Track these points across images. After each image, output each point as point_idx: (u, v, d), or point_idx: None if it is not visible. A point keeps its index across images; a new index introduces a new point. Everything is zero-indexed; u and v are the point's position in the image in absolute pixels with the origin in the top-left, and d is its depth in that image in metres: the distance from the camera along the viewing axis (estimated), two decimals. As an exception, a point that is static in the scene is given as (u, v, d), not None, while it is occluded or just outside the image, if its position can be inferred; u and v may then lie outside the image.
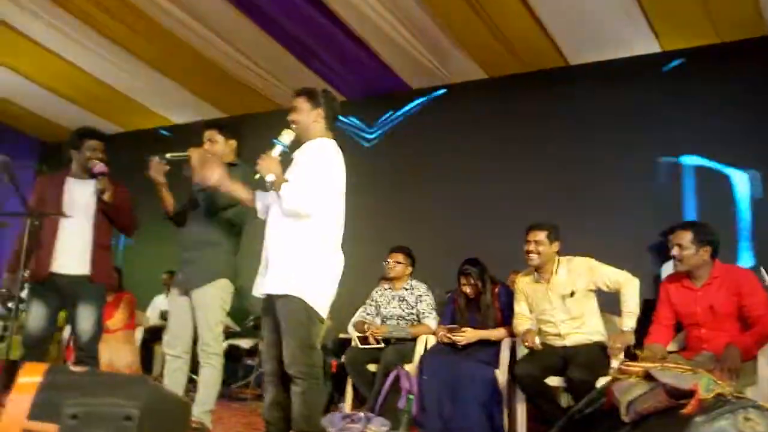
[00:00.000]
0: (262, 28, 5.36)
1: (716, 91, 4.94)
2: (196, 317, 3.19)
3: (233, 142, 3.36)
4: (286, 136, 2.67)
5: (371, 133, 6.42)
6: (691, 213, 4.85)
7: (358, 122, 6.47)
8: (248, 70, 6.09)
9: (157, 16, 5.29)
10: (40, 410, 1.83)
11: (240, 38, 5.56)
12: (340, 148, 2.75)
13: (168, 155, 3.19)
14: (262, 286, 2.67)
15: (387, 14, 4.97)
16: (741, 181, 4.75)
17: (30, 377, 1.90)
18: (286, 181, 2.59)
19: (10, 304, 4.19)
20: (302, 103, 2.75)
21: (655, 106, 5.13)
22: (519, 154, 5.60)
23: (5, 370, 3.30)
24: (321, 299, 2.59)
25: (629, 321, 3.35)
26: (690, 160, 4.96)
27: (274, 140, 2.65)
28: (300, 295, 2.53)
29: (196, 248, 3.20)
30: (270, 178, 2.57)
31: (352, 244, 2.82)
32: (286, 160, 2.70)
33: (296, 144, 2.73)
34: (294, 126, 2.72)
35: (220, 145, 3.30)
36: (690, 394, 2.14)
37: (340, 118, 2.91)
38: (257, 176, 2.60)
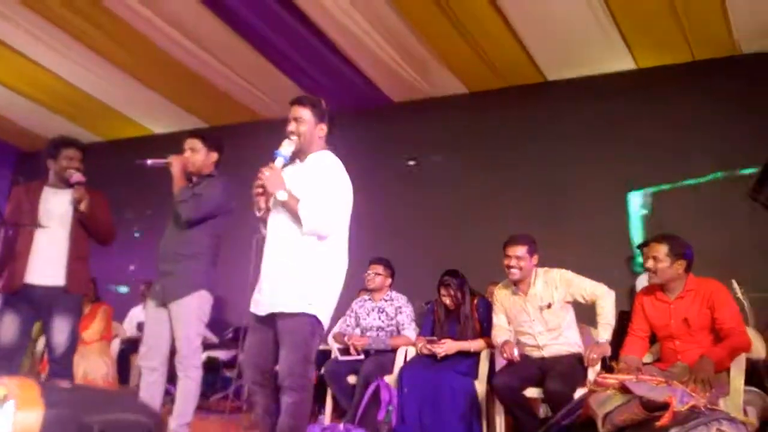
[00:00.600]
0: (245, 39, 5.37)
1: (688, 109, 5.06)
2: (174, 329, 3.13)
3: (215, 155, 3.31)
4: (288, 148, 2.58)
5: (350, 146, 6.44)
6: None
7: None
8: (230, 80, 6.09)
9: (138, 26, 5.27)
10: (54, 428, 1.77)
11: (222, 49, 5.56)
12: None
13: (149, 161, 3.19)
14: (263, 304, 2.57)
15: (369, 28, 5.02)
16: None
17: (29, 393, 1.83)
18: (298, 199, 2.52)
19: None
20: (308, 115, 2.64)
21: (630, 122, 5.24)
22: (498, 168, 5.67)
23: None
24: (327, 313, 2.58)
25: (605, 332, 3.39)
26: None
27: (276, 152, 2.56)
28: (315, 313, 2.49)
29: (175, 260, 3.15)
30: (282, 196, 2.50)
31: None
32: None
33: (294, 155, 2.64)
34: (294, 137, 2.60)
35: (200, 155, 3.25)
36: (665, 406, 2.18)
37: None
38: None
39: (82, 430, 1.69)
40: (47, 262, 3.32)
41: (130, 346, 5.62)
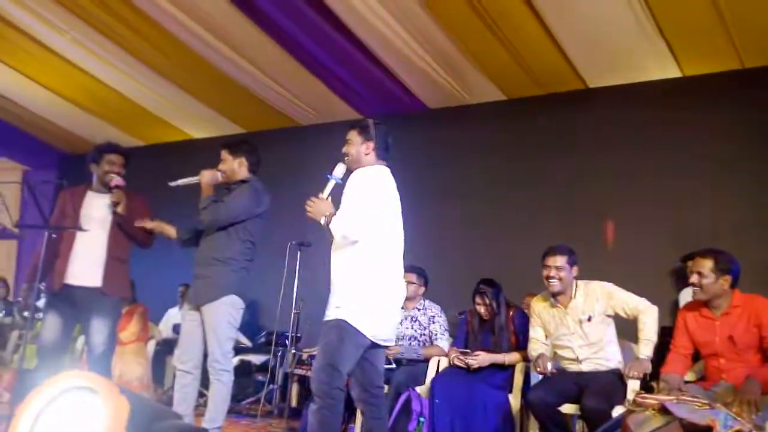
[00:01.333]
0: (282, 47, 5.42)
1: (736, 119, 4.89)
2: (205, 332, 3.19)
3: (243, 160, 3.39)
4: (339, 170, 2.78)
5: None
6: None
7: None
8: (267, 87, 6.15)
9: (179, 34, 5.37)
10: (139, 420, 1.87)
11: (260, 56, 5.62)
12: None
13: (180, 181, 3.37)
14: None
15: (406, 36, 5.00)
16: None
17: (113, 389, 1.93)
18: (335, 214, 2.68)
19: (25, 314, 4.25)
20: (354, 136, 2.85)
21: (675, 131, 5.09)
22: (537, 177, 5.56)
23: (20, 379, 3.34)
24: (362, 318, 2.62)
25: (646, 349, 3.29)
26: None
27: (328, 176, 2.76)
28: (343, 317, 2.60)
29: (208, 264, 3.23)
30: (323, 222, 2.68)
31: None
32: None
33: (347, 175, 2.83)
34: (346, 158, 2.83)
35: (228, 163, 3.38)
36: (707, 430, 2.10)
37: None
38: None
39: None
40: (86, 264, 3.41)
41: (166, 348, 5.71)
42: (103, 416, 1.85)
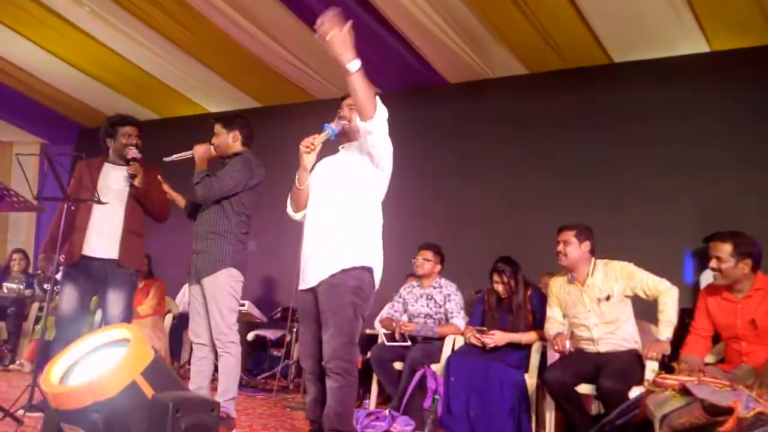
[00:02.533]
0: (301, 19, 5.34)
1: (765, 95, 4.74)
2: (207, 306, 3.21)
3: (236, 134, 3.39)
4: (337, 124, 2.64)
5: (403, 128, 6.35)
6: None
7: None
8: (285, 60, 6.08)
9: (198, 6, 5.31)
10: (150, 374, 1.88)
11: (277, 28, 5.55)
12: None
13: (174, 157, 3.37)
14: (308, 277, 2.60)
15: (427, 8, 4.90)
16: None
17: (145, 343, 1.99)
18: (373, 88, 2.53)
19: (45, 286, 4.29)
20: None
21: (701, 107, 4.95)
22: (558, 153, 5.47)
23: (42, 349, 3.39)
24: (377, 265, 2.59)
25: (666, 330, 3.24)
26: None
27: (325, 125, 2.62)
28: (361, 264, 2.51)
29: (205, 238, 3.24)
30: (356, 65, 2.47)
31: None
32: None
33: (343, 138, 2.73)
34: (345, 122, 2.69)
35: (222, 137, 3.38)
36: (728, 411, 2.06)
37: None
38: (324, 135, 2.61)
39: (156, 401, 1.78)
40: (103, 235, 3.43)
41: (183, 322, 5.75)
42: (124, 356, 1.87)
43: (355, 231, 2.56)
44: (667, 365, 3.15)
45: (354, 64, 2.42)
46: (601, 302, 3.39)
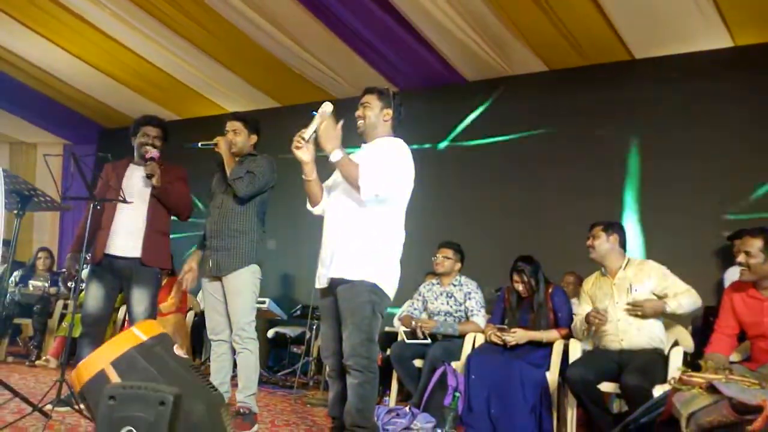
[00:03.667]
0: (320, 20, 5.36)
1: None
2: (228, 302, 3.25)
3: (254, 137, 3.49)
4: (327, 108, 2.57)
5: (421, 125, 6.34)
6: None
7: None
8: (303, 60, 6.11)
9: (218, 7, 5.36)
10: (122, 365, 2.00)
11: (295, 28, 5.58)
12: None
13: (200, 144, 3.40)
14: (324, 277, 2.62)
15: (446, 6, 4.89)
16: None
17: (142, 332, 2.09)
18: (357, 164, 2.53)
19: (70, 284, 4.35)
20: (373, 100, 2.74)
21: (725, 103, 4.88)
22: (578, 150, 5.42)
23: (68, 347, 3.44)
24: (390, 282, 2.60)
25: (672, 303, 3.31)
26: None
27: (314, 112, 2.60)
28: (370, 280, 2.52)
29: (228, 235, 3.28)
30: (337, 155, 2.50)
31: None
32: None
33: (358, 141, 2.75)
34: (360, 122, 2.74)
35: (242, 137, 3.44)
36: (758, 409, 2.03)
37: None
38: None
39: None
40: (127, 234, 3.47)
41: (204, 320, 5.79)
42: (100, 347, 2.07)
43: (368, 243, 2.56)
44: (692, 363, 3.12)
45: (335, 155, 2.53)
46: (630, 293, 3.40)
